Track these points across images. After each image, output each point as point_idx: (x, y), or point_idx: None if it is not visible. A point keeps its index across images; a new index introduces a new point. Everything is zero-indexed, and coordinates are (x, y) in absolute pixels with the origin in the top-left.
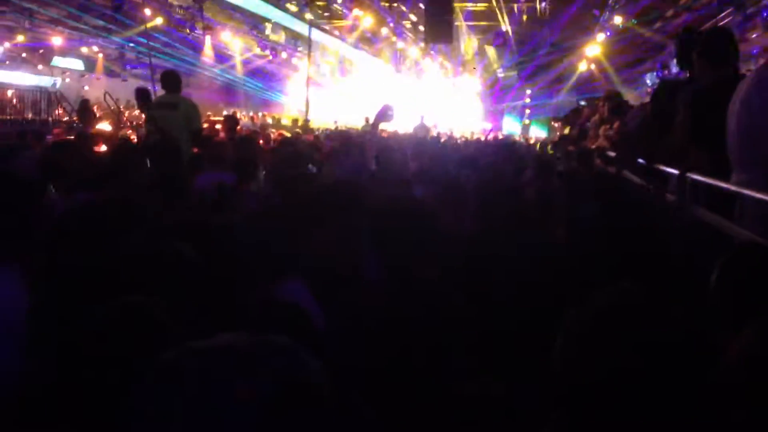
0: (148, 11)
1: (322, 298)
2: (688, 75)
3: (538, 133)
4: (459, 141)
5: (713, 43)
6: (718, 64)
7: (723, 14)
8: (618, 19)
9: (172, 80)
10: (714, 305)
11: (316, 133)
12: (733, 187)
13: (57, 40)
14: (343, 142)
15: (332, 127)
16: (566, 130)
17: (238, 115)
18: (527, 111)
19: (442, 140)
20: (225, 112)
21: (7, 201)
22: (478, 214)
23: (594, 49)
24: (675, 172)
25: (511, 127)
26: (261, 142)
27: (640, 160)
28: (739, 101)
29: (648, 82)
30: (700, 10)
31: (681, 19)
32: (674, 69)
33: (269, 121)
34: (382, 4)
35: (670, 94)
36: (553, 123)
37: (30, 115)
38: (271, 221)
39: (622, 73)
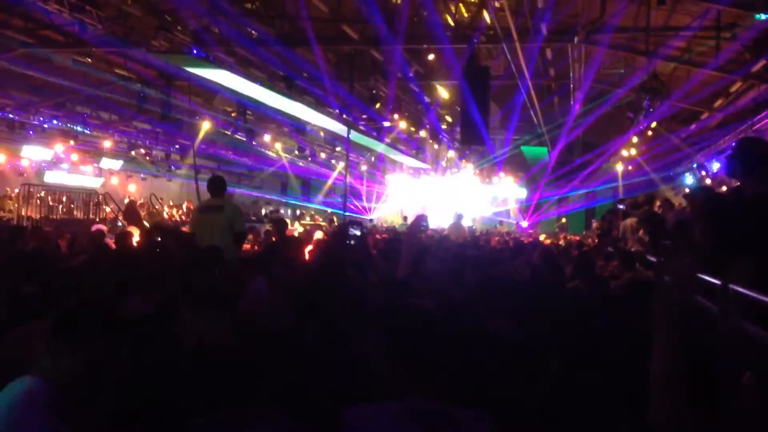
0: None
1: None
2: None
3: (574, 228)
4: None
5: (758, 150)
6: (762, 172)
7: (759, 117)
8: (653, 123)
9: (217, 185)
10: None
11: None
12: None
13: (106, 143)
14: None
15: (369, 224)
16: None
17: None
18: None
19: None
20: (264, 211)
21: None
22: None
23: (630, 150)
24: (717, 282)
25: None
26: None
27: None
28: None
29: (687, 181)
30: (735, 112)
31: (717, 121)
32: (711, 170)
33: (308, 219)
34: (420, 108)
35: (717, 209)
36: (593, 223)
37: (80, 215)
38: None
39: (659, 172)
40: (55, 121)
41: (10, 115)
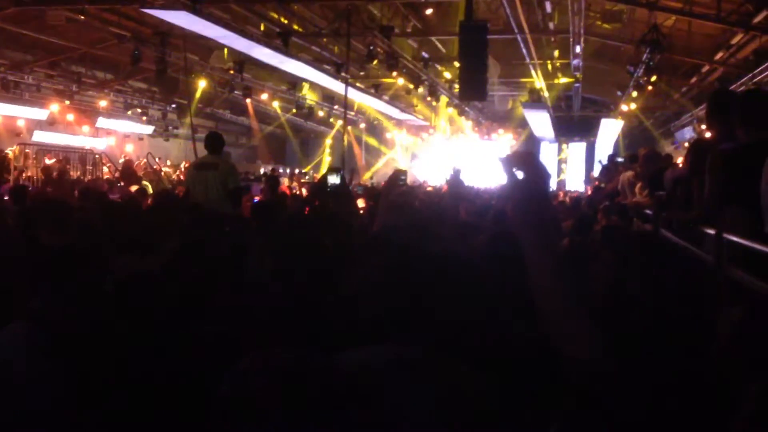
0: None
1: None
2: (712, 136)
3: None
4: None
5: (750, 104)
6: (755, 125)
7: (759, 69)
8: (653, 77)
9: (214, 142)
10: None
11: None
12: None
13: (102, 103)
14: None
15: (367, 183)
16: (602, 185)
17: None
18: (564, 165)
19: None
20: (263, 170)
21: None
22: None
23: (630, 105)
24: (711, 232)
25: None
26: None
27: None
28: None
29: (686, 135)
30: (736, 64)
31: (717, 74)
32: None
33: (306, 178)
34: (418, 64)
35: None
36: (591, 176)
37: (78, 174)
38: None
39: (659, 127)
40: (45, 84)
41: (8, 76)
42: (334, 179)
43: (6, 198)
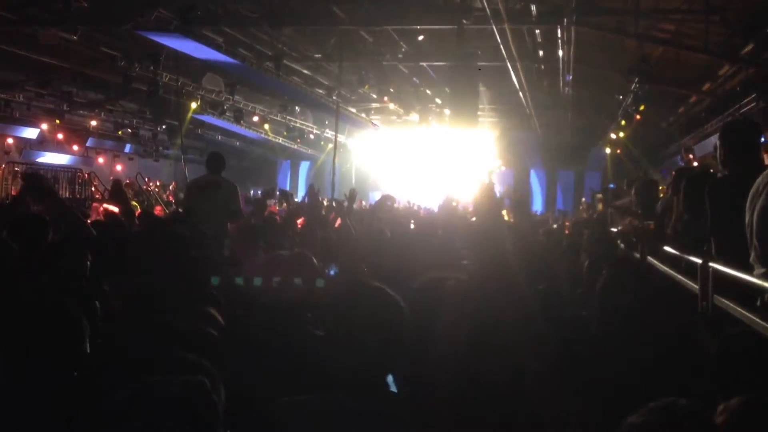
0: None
1: None
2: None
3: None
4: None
5: (737, 132)
6: (742, 154)
7: (746, 100)
8: (641, 106)
9: (216, 162)
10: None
11: None
12: (756, 280)
13: (92, 122)
14: None
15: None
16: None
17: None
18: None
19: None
20: (252, 192)
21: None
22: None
23: (618, 133)
24: (698, 260)
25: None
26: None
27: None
28: (766, 194)
29: (675, 165)
30: (723, 95)
31: (705, 105)
32: (698, 152)
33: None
34: (409, 89)
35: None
36: (581, 204)
37: (67, 194)
38: None
39: (648, 155)
40: (36, 104)
41: None
42: None
43: None
